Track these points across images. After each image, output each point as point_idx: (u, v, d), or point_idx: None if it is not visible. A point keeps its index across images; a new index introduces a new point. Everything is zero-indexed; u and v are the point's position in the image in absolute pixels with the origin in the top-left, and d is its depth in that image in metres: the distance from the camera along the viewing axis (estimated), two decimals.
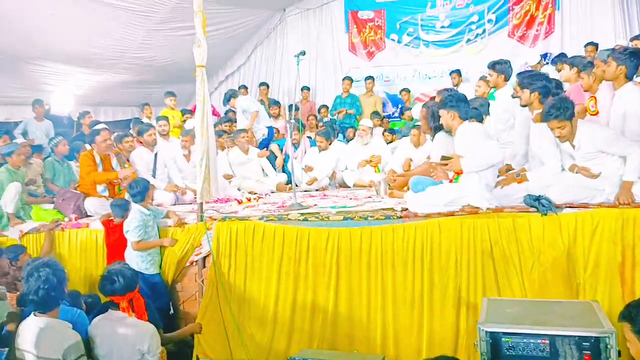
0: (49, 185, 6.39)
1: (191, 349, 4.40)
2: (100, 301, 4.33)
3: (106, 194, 5.71)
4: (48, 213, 5.62)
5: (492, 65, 5.44)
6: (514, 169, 4.82)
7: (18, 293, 3.90)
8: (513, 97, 4.61)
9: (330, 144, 7.37)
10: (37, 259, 4.06)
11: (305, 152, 7.74)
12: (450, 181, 4.38)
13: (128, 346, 3.24)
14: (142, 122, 7.50)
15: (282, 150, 8.17)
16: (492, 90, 6.00)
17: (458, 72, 9.34)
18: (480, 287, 4.03)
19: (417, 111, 6.22)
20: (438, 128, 4.83)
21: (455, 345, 4.04)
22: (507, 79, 5.39)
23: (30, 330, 2.96)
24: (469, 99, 5.39)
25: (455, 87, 9.08)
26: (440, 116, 4.49)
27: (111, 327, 3.30)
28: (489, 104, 5.48)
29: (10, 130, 7.49)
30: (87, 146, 6.43)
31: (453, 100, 4.40)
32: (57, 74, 8.37)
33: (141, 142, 6.44)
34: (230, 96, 8.90)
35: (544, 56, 9.45)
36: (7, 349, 3.01)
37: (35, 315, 3.03)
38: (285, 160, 8.01)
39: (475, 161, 4.13)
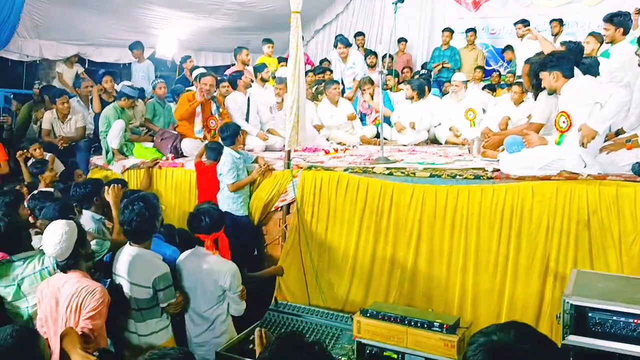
0: (147, 125, 6.75)
1: (272, 290, 4.57)
2: (192, 236, 4.59)
3: (201, 136, 5.95)
4: (148, 151, 5.97)
5: (609, 18, 4.89)
6: (625, 133, 4.39)
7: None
8: (636, 54, 4.14)
9: (419, 96, 7.02)
10: (135, 191, 4.36)
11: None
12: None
13: (211, 281, 3.41)
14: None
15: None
16: (604, 49, 5.45)
17: (560, 21, 8.48)
18: (571, 258, 3.78)
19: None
20: (540, 86, 4.48)
21: (537, 315, 3.85)
22: (625, 33, 4.84)
23: (124, 258, 3.20)
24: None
25: (554, 37, 8.28)
26: None
27: (196, 262, 3.49)
28: (598, 64, 4.98)
29: (117, 72, 7.94)
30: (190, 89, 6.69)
31: (554, 59, 4.04)
32: (163, 18, 8.68)
33: (235, 87, 6.59)
34: (345, 42, 8.32)
35: None
36: (109, 279, 3.28)
37: (130, 244, 3.26)
38: (362, 118, 7.82)
39: (604, 113, 3.69)
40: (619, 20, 4.80)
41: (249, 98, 6.51)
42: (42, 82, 7.70)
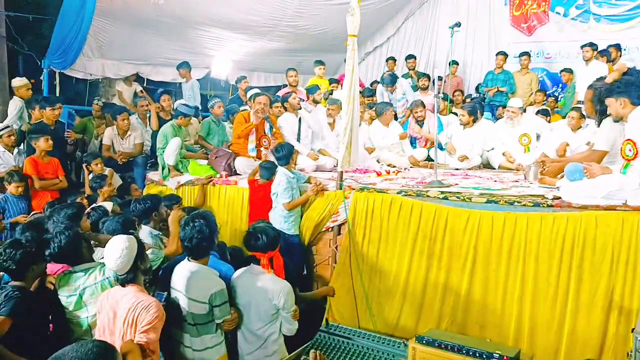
0: (201, 143, 6.90)
1: (322, 311, 4.55)
2: (243, 254, 4.63)
3: (255, 154, 6.04)
4: (202, 168, 6.10)
5: None
6: None
7: None
8: None
9: (474, 121, 6.97)
10: (194, 209, 4.44)
11: (431, 130, 7.46)
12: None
13: (265, 300, 3.42)
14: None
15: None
16: None
17: (617, 46, 8.14)
18: (637, 292, 3.60)
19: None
20: (604, 112, 4.35)
21: (600, 350, 3.68)
22: None
23: (182, 274, 3.25)
24: None
25: (612, 62, 8.00)
26: None
27: (251, 280, 3.51)
28: None
29: (172, 91, 8.18)
30: (244, 109, 6.84)
31: (621, 86, 3.94)
32: (218, 39, 8.97)
33: (286, 108, 6.69)
34: (390, 82, 8.30)
35: None
36: (165, 292, 3.34)
37: (188, 260, 3.31)
38: (413, 141, 7.75)
39: None
40: None
41: (300, 119, 6.59)
42: (101, 99, 8.02)
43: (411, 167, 7.00)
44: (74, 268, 3.27)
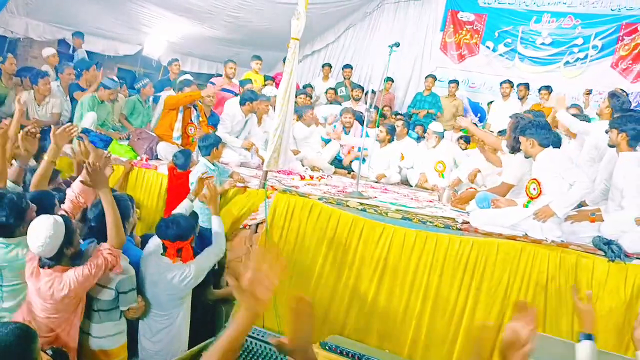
0: (122, 121, 6.63)
1: (229, 307, 4.53)
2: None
3: (179, 142, 5.90)
4: (122, 148, 5.87)
5: (612, 96, 5.03)
6: (588, 206, 4.61)
7: None
8: (606, 132, 4.37)
9: (389, 140, 7.15)
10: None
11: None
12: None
13: (168, 284, 3.37)
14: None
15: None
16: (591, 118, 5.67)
17: (527, 85, 8.82)
18: None
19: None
20: (518, 142, 4.65)
21: None
22: (612, 115, 5.03)
23: None
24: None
25: (520, 100, 8.68)
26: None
27: (157, 267, 3.44)
28: (560, 139, 5.17)
29: (99, 63, 7.79)
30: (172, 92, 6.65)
31: (532, 127, 4.26)
32: (156, 18, 8.68)
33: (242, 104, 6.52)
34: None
35: None
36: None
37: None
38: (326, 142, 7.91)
39: (566, 200, 3.95)
40: (614, 103, 4.96)
41: (247, 120, 6.47)
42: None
43: (334, 173, 7.13)
44: None
